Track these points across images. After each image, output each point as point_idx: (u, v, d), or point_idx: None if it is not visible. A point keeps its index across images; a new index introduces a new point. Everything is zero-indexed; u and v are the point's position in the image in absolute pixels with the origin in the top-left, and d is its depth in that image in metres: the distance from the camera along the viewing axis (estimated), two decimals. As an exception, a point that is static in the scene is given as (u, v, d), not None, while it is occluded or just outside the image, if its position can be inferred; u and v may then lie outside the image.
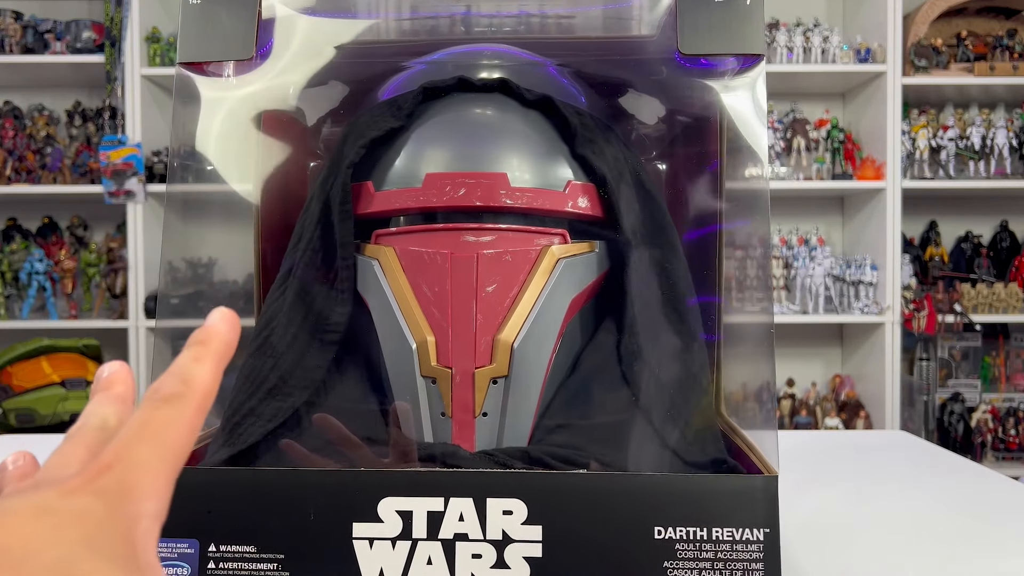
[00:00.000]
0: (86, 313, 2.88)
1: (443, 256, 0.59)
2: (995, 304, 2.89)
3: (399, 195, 0.62)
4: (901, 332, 2.81)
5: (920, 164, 2.90)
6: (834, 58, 2.84)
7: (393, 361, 0.61)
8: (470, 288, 0.59)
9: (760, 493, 0.51)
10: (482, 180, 0.60)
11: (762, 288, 0.64)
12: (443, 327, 0.59)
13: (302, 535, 0.51)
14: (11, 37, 2.79)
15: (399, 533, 0.51)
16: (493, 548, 0.51)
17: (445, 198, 0.60)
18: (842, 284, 2.88)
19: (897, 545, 0.72)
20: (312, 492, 0.51)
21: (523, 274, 0.60)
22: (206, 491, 0.52)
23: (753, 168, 0.63)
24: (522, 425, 0.61)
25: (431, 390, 0.59)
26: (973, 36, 2.97)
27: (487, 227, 0.60)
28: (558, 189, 0.62)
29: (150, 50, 2.79)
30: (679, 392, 0.61)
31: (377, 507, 0.51)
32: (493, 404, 0.59)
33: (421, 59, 0.72)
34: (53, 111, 3.02)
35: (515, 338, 0.59)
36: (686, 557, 0.51)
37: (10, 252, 2.89)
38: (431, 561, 0.51)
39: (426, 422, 0.60)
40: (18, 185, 2.82)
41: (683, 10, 0.59)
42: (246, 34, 0.62)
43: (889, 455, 1.05)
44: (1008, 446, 2.90)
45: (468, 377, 0.59)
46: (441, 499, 0.51)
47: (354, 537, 0.51)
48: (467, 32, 0.70)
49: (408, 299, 0.60)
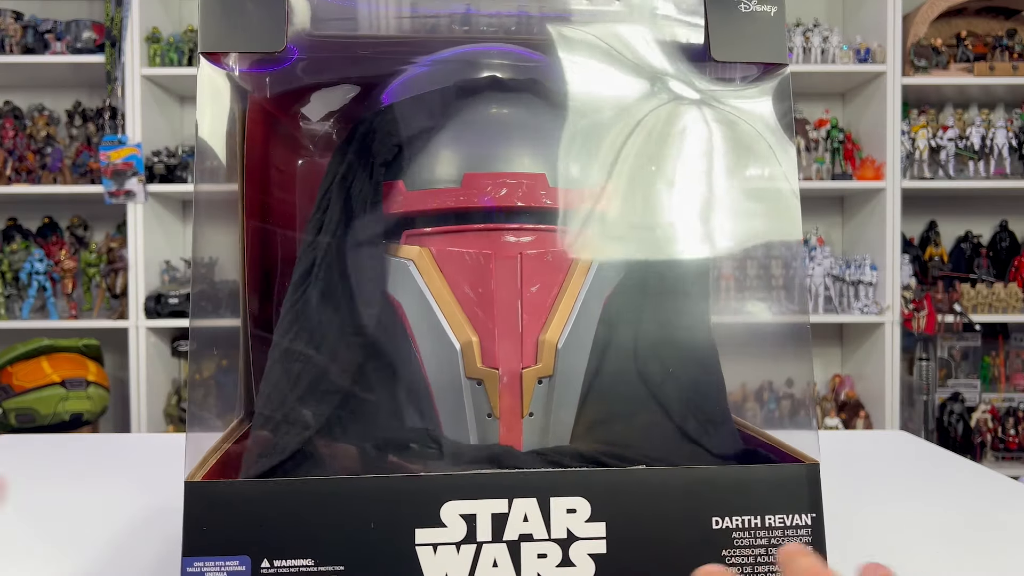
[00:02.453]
0: (86, 313, 2.88)
1: (486, 256, 0.59)
2: (995, 304, 2.89)
3: (437, 195, 0.61)
4: (901, 332, 2.81)
5: (920, 164, 2.90)
6: (834, 58, 2.84)
7: (434, 363, 0.60)
8: (514, 288, 0.59)
9: (806, 480, 0.54)
10: (523, 180, 0.60)
11: (798, 290, 0.65)
12: (488, 328, 0.58)
13: (363, 545, 0.50)
14: (11, 37, 2.79)
15: (463, 537, 0.50)
16: (558, 547, 0.51)
17: (486, 198, 0.60)
18: (842, 284, 2.89)
19: (896, 545, 0.72)
20: (372, 500, 0.50)
21: (562, 274, 0.60)
22: (255, 504, 0.50)
23: (781, 170, 0.64)
24: (564, 424, 0.61)
25: (476, 391, 0.59)
26: (973, 36, 2.98)
27: (528, 227, 0.60)
28: (593, 189, 0.63)
29: (150, 50, 2.79)
30: (696, 387, 0.63)
31: (440, 512, 0.50)
32: (538, 404, 0.59)
33: (428, 57, 0.70)
34: (53, 111, 3.02)
35: (559, 338, 0.59)
36: (742, 545, 0.53)
37: (10, 252, 2.89)
38: (497, 564, 0.51)
39: (471, 424, 0.59)
40: (18, 185, 2.82)
41: (712, 19, 0.60)
42: (275, 23, 0.57)
43: (889, 455, 1.06)
44: (1008, 446, 2.90)
45: (515, 378, 0.58)
46: (505, 500, 0.51)
47: (417, 544, 0.50)
48: (470, 31, 0.69)
49: (449, 300, 0.59)
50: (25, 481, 0.94)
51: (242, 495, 0.50)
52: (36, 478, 0.95)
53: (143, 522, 0.79)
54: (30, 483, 0.93)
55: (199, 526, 0.49)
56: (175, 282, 2.89)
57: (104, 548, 0.73)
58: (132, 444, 1.25)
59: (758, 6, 0.60)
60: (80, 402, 2.58)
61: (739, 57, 0.60)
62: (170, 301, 2.74)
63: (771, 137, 0.62)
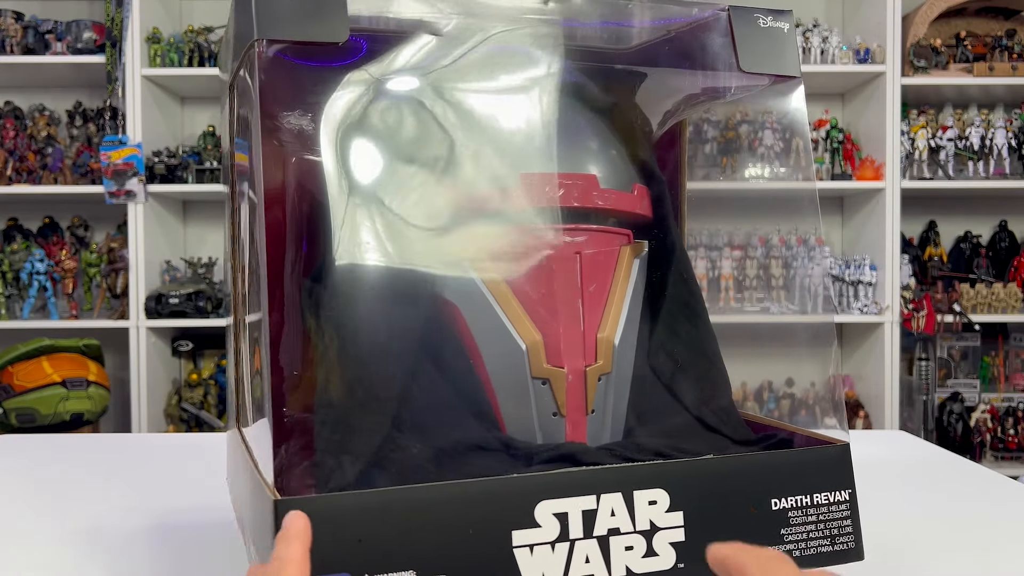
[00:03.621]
0: (86, 313, 2.88)
1: (548, 257, 0.59)
2: (994, 304, 2.90)
3: (494, 195, 0.61)
4: (900, 332, 2.81)
5: (919, 164, 2.91)
6: (833, 58, 2.84)
7: (498, 364, 0.60)
8: (575, 287, 0.60)
9: (843, 459, 0.59)
10: (577, 181, 0.61)
11: (813, 290, 0.68)
12: (552, 327, 0.59)
13: (462, 551, 0.49)
14: (12, 37, 2.79)
15: (557, 536, 0.51)
16: (643, 538, 0.53)
17: (545, 198, 0.60)
18: (841, 284, 2.89)
19: (896, 545, 0.72)
20: (468, 504, 0.49)
21: (611, 273, 0.62)
22: (353, 518, 0.47)
23: (798, 171, 0.68)
24: (620, 419, 0.63)
25: (540, 391, 0.59)
26: (972, 36, 2.98)
27: (582, 227, 0.61)
28: (628, 191, 0.64)
29: (151, 50, 2.79)
30: (705, 378, 0.66)
31: (534, 512, 0.51)
32: (599, 401, 0.61)
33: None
34: (54, 111, 3.02)
35: (616, 335, 0.60)
36: (797, 523, 0.56)
37: (11, 252, 2.89)
38: (589, 559, 0.52)
39: (536, 423, 0.59)
40: (19, 185, 2.82)
41: (738, 33, 0.64)
42: (336, 10, 0.52)
43: (888, 455, 1.06)
44: (1007, 446, 2.91)
45: (580, 376, 0.59)
46: (593, 497, 0.52)
47: (514, 546, 0.50)
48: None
49: (511, 301, 0.59)
50: (25, 481, 0.94)
51: (339, 509, 0.47)
52: (36, 478, 0.95)
53: (144, 522, 0.80)
54: (30, 483, 0.93)
55: None
56: (175, 282, 2.89)
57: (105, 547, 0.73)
58: (132, 444, 1.25)
59: (773, 22, 0.64)
60: (80, 402, 2.58)
61: (761, 69, 0.64)
62: (170, 301, 2.74)
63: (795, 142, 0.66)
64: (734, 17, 0.63)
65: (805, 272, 2.88)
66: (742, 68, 0.63)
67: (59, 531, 0.77)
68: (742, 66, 0.63)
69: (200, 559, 0.70)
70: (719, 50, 0.65)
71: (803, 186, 0.68)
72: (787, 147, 0.75)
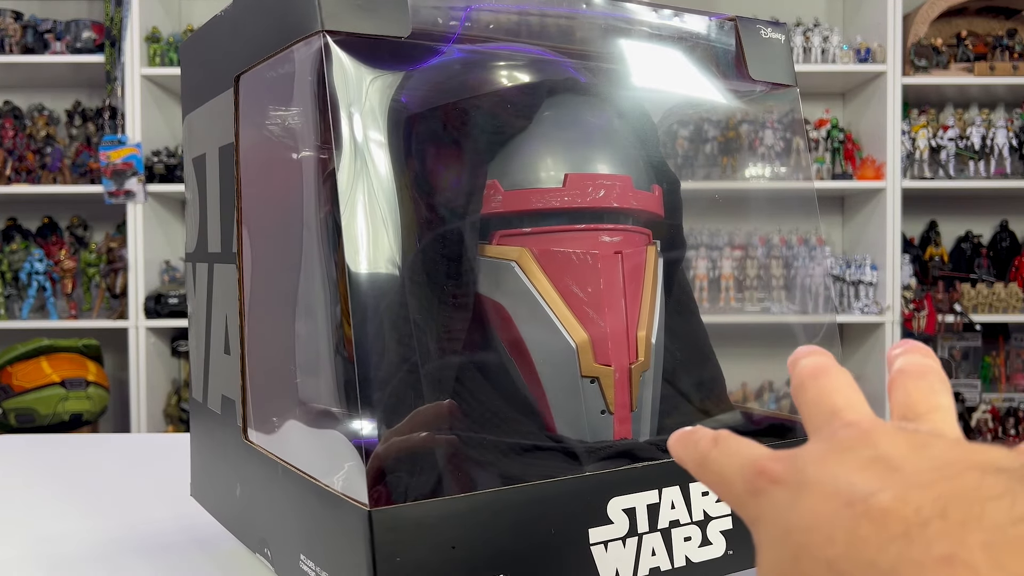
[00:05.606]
0: (86, 313, 2.88)
1: (593, 256, 0.60)
2: (995, 304, 2.89)
3: (543, 195, 0.61)
4: (901, 332, 2.81)
5: (920, 164, 2.90)
6: (834, 58, 2.84)
7: (549, 363, 0.60)
8: (618, 286, 0.61)
9: None
10: (616, 182, 0.62)
11: (816, 289, 0.69)
12: (598, 326, 0.60)
13: (547, 552, 0.49)
14: (11, 37, 2.79)
15: (627, 531, 0.53)
16: (698, 528, 0.55)
17: (589, 199, 0.61)
18: (842, 284, 2.89)
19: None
20: (548, 505, 0.50)
21: (642, 271, 0.63)
22: (445, 525, 0.47)
23: (798, 172, 0.69)
24: (655, 416, 0.64)
25: (588, 389, 0.60)
26: (973, 36, 2.98)
27: (620, 227, 0.62)
28: (648, 191, 0.65)
29: (150, 50, 2.79)
30: (703, 373, 0.68)
31: (607, 508, 0.52)
32: (640, 398, 0.62)
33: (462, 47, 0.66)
34: (53, 111, 3.02)
35: (652, 333, 0.62)
36: None
37: (10, 252, 2.89)
38: (655, 552, 0.53)
39: (585, 420, 0.60)
40: (18, 185, 2.82)
41: (746, 43, 0.66)
42: (398, 5, 0.50)
43: (889, 455, 1.06)
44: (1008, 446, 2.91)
45: (625, 374, 0.61)
46: (655, 491, 0.54)
47: (591, 543, 0.51)
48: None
49: (557, 300, 0.60)
50: (26, 481, 0.94)
51: (432, 516, 0.47)
52: (36, 478, 0.95)
53: (143, 523, 0.79)
54: (30, 483, 0.93)
55: (392, 556, 0.45)
56: (175, 282, 2.89)
57: (104, 548, 0.73)
58: (132, 444, 1.25)
59: (772, 34, 0.67)
60: (80, 402, 2.58)
61: (766, 77, 0.66)
62: (170, 301, 2.74)
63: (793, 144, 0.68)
64: (741, 28, 0.66)
65: (806, 272, 2.87)
66: (752, 76, 0.66)
67: (59, 531, 0.76)
68: (751, 74, 0.66)
69: (200, 559, 0.69)
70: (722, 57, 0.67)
71: (803, 186, 0.70)
72: (787, 147, 0.78)
